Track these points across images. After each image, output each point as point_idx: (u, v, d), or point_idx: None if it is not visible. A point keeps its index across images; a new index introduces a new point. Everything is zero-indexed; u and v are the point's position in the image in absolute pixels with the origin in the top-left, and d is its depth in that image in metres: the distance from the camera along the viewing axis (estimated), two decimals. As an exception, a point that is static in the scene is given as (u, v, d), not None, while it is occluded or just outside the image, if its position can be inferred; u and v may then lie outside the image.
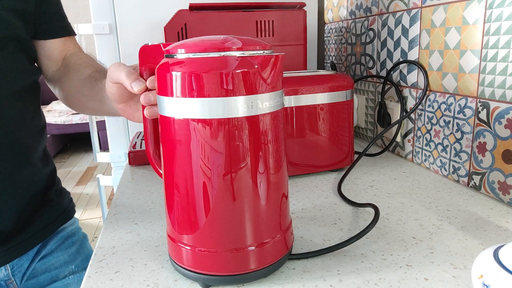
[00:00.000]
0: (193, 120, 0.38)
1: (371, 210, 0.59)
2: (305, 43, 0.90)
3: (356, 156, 0.79)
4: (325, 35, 1.20)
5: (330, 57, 1.17)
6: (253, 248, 0.41)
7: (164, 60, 0.40)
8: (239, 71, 0.37)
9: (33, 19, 0.64)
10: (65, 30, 0.71)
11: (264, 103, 0.39)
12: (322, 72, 0.75)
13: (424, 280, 0.42)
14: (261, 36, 0.87)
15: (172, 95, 0.38)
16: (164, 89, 0.39)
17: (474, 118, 0.63)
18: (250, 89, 0.38)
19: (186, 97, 0.38)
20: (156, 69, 0.41)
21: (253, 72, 0.37)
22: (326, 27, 1.18)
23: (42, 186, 0.67)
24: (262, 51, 0.39)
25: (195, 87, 0.37)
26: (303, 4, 0.89)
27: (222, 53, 0.37)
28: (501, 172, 0.59)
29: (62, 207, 0.72)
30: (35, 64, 0.69)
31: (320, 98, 0.70)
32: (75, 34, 0.73)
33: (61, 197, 0.73)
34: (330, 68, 1.13)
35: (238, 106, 0.37)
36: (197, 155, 0.39)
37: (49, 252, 0.69)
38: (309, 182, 0.72)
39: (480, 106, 0.62)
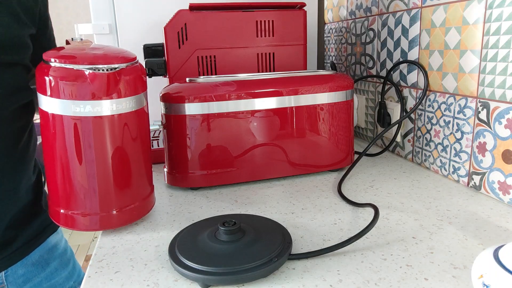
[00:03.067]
0: (59, 115, 0.50)
1: (371, 210, 0.59)
2: (305, 43, 0.90)
3: (356, 156, 0.79)
4: (325, 35, 1.20)
5: (330, 57, 1.17)
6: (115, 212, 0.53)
7: (42, 64, 0.51)
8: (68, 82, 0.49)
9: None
10: None
11: (114, 106, 0.51)
12: (322, 72, 0.75)
13: (424, 280, 0.42)
14: (261, 36, 0.87)
15: (45, 94, 0.50)
16: (40, 88, 0.50)
17: (474, 118, 0.63)
18: (96, 96, 0.50)
19: (49, 96, 0.50)
20: (35, 70, 0.51)
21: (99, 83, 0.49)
22: (326, 27, 1.18)
23: (33, 195, 0.68)
24: (116, 65, 0.50)
25: (56, 90, 0.49)
26: (303, 4, 0.89)
27: (77, 66, 0.49)
28: (501, 172, 0.59)
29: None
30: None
31: (320, 98, 0.70)
32: None
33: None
34: (330, 68, 1.13)
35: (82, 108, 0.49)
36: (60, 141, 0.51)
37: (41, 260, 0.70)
38: (309, 182, 0.72)
39: (480, 106, 0.62)
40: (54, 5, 3.96)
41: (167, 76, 0.83)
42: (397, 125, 0.82)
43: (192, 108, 0.66)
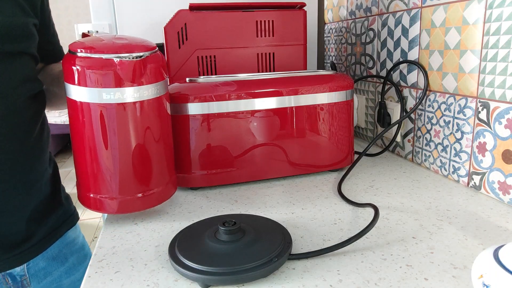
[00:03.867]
0: (87, 102, 0.52)
1: (371, 210, 0.59)
2: (305, 43, 0.90)
3: (356, 156, 0.79)
4: (325, 35, 1.20)
5: (330, 57, 1.17)
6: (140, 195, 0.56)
7: (69, 55, 0.53)
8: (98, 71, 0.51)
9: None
10: (61, 56, 0.75)
11: (138, 93, 0.53)
12: (322, 72, 0.75)
13: (424, 280, 0.42)
14: (261, 36, 0.87)
15: (73, 83, 0.52)
16: (68, 78, 0.52)
17: (474, 118, 0.63)
18: (121, 83, 0.52)
19: (77, 85, 0.52)
20: (62, 61, 0.53)
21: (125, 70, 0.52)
22: (326, 27, 1.18)
23: (51, 188, 0.69)
24: (140, 53, 0.52)
25: (84, 79, 0.51)
26: (303, 4, 0.89)
27: (105, 56, 0.51)
28: (501, 172, 0.59)
29: (70, 211, 0.75)
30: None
31: (320, 98, 0.70)
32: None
33: (68, 201, 0.75)
34: (330, 68, 1.13)
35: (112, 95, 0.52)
36: (93, 128, 0.53)
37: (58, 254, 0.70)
38: (309, 182, 0.72)
39: (480, 106, 0.62)
40: (54, 5, 3.96)
41: (167, 76, 0.83)
42: (397, 125, 0.82)
43: (192, 108, 0.66)
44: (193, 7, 0.81)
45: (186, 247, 0.46)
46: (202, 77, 0.70)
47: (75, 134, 0.55)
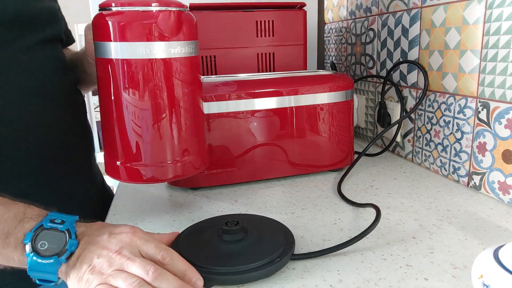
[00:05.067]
0: (127, 59, 0.49)
1: (371, 210, 0.59)
2: (305, 43, 0.90)
3: (356, 156, 0.79)
4: (325, 35, 1.20)
5: (330, 57, 1.17)
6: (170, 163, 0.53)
7: (100, 11, 0.50)
8: (142, 22, 0.48)
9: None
10: (72, 39, 0.77)
11: (176, 49, 0.51)
12: (322, 72, 0.75)
13: (424, 280, 0.42)
14: (261, 36, 0.87)
15: (109, 39, 0.49)
16: (102, 36, 0.49)
17: (474, 118, 0.63)
18: (164, 37, 0.49)
19: (113, 42, 0.49)
20: (93, 18, 0.50)
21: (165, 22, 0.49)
22: (326, 27, 1.18)
23: (101, 176, 0.75)
24: (175, 8, 0.50)
25: (124, 33, 0.48)
26: (303, 4, 0.89)
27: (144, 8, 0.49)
28: (501, 172, 0.59)
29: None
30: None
31: (320, 98, 0.70)
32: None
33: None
34: (330, 68, 1.13)
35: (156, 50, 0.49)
36: (131, 86, 0.50)
37: None
38: (309, 182, 0.72)
39: (480, 106, 0.62)
40: (54, 5, 3.96)
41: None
42: (397, 125, 0.82)
43: (192, 108, 0.66)
44: (193, 7, 0.81)
45: (189, 246, 0.46)
46: (202, 77, 0.70)
47: (107, 96, 0.51)
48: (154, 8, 0.49)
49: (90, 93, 2.99)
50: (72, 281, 0.39)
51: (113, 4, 0.49)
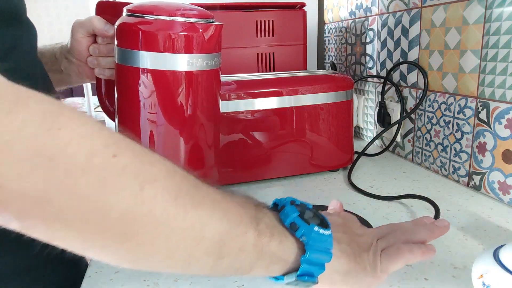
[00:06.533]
0: (151, 70, 0.47)
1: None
2: (305, 43, 0.90)
3: (356, 156, 0.79)
4: (325, 35, 1.20)
5: (330, 57, 1.17)
6: None
7: (128, 17, 0.48)
8: (185, 33, 0.47)
9: None
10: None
11: (202, 62, 0.49)
12: (322, 72, 0.75)
13: (424, 280, 0.42)
14: (261, 36, 0.87)
15: (137, 48, 0.47)
16: (128, 43, 0.47)
17: (474, 118, 0.63)
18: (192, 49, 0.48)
19: (149, 51, 0.47)
20: (119, 24, 0.48)
21: (195, 36, 0.48)
22: (326, 27, 1.18)
23: None
24: (204, 20, 0.48)
25: (153, 43, 0.46)
26: (303, 4, 0.89)
27: (173, 18, 0.47)
28: (501, 172, 0.59)
29: None
30: None
31: (320, 98, 0.70)
32: None
33: None
34: (330, 68, 1.13)
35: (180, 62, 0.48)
36: (151, 98, 0.48)
37: None
38: (309, 182, 0.72)
39: (480, 106, 0.62)
40: (54, 5, 3.96)
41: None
42: (397, 125, 0.82)
43: (192, 108, 0.65)
44: (193, 7, 0.81)
45: None
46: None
47: (130, 103, 0.50)
48: (193, 19, 0.47)
49: (90, 93, 2.98)
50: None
51: (148, 13, 0.47)
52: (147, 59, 0.47)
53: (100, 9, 0.57)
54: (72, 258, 0.37)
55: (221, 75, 0.55)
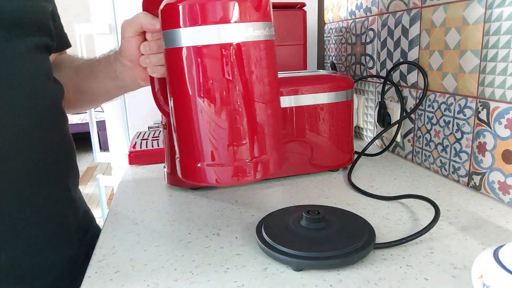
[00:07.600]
0: (202, 46, 0.43)
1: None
2: (305, 43, 0.91)
3: (356, 156, 0.79)
4: (325, 35, 1.20)
5: (330, 57, 1.17)
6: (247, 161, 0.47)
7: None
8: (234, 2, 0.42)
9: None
10: (68, 43, 0.71)
11: (256, 31, 0.44)
12: (322, 72, 0.75)
13: (424, 280, 0.42)
14: (261, 36, 0.87)
15: (180, 26, 0.43)
16: (172, 22, 0.44)
17: (474, 118, 0.63)
18: (245, 18, 0.43)
19: (197, 26, 0.42)
20: (162, 9, 0.45)
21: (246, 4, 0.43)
22: (326, 27, 1.18)
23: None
24: None
25: (203, 16, 0.42)
26: (303, 4, 0.89)
27: None
28: (501, 172, 0.59)
29: None
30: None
31: (320, 98, 0.70)
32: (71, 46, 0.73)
33: None
34: (330, 68, 1.13)
35: (235, 32, 0.43)
36: (205, 77, 0.44)
37: None
38: (309, 182, 0.72)
39: (480, 106, 0.62)
40: (54, 5, 3.95)
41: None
42: (397, 125, 0.82)
43: (192, 108, 0.65)
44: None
45: (274, 234, 0.48)
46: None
47: (182, 90, 0.45)
48: None
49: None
50: None
51: None
52: (197, 34, 0.42)
53: (147, 5, 0.55)
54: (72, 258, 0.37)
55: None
